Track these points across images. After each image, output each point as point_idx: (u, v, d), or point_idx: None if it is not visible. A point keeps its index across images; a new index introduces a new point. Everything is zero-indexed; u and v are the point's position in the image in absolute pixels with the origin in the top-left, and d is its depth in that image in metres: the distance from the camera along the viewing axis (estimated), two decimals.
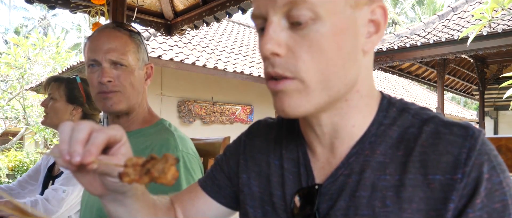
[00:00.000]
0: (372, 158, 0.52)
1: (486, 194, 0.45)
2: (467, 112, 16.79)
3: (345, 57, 0.49)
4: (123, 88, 1.03)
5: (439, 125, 0.50)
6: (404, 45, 6.14)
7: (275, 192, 0.60)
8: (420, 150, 0.49)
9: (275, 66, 0.49)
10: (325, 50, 0.47)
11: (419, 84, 15.12)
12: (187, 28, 2.89)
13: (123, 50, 1.03)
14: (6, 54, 8.36)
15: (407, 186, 0.48)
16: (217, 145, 1.25)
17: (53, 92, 1.55)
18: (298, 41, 0.48)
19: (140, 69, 1.08)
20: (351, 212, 0.51)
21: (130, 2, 2.64)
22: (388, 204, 0.48)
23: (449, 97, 18.51)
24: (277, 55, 0.48)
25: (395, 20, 21.67)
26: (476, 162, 0.46)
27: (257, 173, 0.64)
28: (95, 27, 2.19)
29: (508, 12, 2.36)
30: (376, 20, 0.51)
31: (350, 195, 0.51)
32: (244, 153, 0.68)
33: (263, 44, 0.48)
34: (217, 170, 0.71)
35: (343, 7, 0.47)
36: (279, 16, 0.48)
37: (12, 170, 8.72)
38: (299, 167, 0.59)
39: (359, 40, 0.50)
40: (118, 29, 1.05)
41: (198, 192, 0.71)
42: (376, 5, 0.51)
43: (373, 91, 0.55)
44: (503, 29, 5.03)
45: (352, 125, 0.54)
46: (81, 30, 21.06)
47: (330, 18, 0.47)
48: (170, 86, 6.60)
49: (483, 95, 8.22)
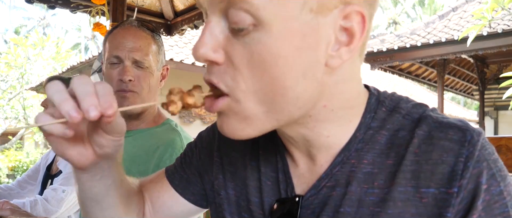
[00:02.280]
0: (358, 168, 0.45)
1: (484, 207, 0.39)
2: (467, 112, 16.80)
3: (297, 77, 0.39)
4: (141, 90, 1.03)
5: (432, 127, 0.43)
6: (404, 45, 6.15)
7: (253, 199, 0.53)
8: (411, 158, 0.42)
9: (211, 73, 0.41)
10: (270, 67, 0.38)
11: (419, 84, 15.12)
12: (187, 28, 2.90)
13: (146, 50, 1.03)
14: (6, 54, 8.37)
15: (396, 201, 0.42)
16: None
17: None
18: (238, 51, 0.39)
19: (158, 71, 1.09)
20: None
21: (130, 2, 2.64)
22: None
23: (449, 97, 18.51)
24: (216, 63, 0.40)
25: (396, 20, 21.68)
26: (474, 172, 0.40)
27: (232, 174, 0.56)
28: (96, 27, 2.19)
29: (508, 12, 2.36)
30: (350, 28, 0.39)
31: (334, 210, 0.45)
32: (218, 149, 0.59)
33: (197, 47, 0.39)
34: (186, 163, 0.63)
35: (299, 11, 0.37)
36: (218, 15, 0.39)
37: (12, 170, 8.73)
38: (278, 172, 0.52)
39: (320, 54, 0.39)
40: (143, 29, 1.06)
41: (165, 185, 0.63)
42: (353, 9, 0.39)
43: (352, 100, 0.46)
44: (503, 29, 5.03)
45: (326, 136, 0.46)
46: (81, 30, 21.08)
47: (278, 25, 0.37)
48: (170, 86, 6.57)
49: (483, 95, 8.23)
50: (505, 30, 5.04)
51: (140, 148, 1.03)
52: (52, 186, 1.44)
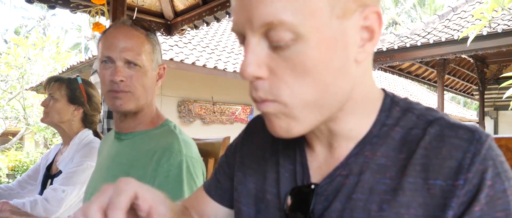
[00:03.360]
0: (372, 160, 0.49)
1: (487, 202, 0.42)
2: (467, 112, 16.79)
3: (334, 74, 0.45)
4: (134, 89, 1.01)
5: (444, 127, 0.47)
6: (404, 45, 6.14)
7: (270, 189, 0.58)
8: (422, 152, 0.46)
9: (258, 89, 0.46)
10: (311, 71, 0.44)
11: (419, 84, 15.13)
12: (187, 28, 2.90)
13: (138, 50, 1.01)
14: (6, 54, 8.37)
15: (405, 190, 0.45)
16: (217, 145, 1.25)
17: (54, 92, 1.55)
18: (280, 64, 0.44)
19: (153, 70, 1.06)
20: (346, 215, 0.48)
21: (130, 2, 2.64)
22: (384, 208, 0.46)
23: (449, 97, 18.52)
24: (260, 78, 0.45)
25: (396, 20, 21.67)
26: (480, 167, 0.43)
27: (254, 170, 0.62)
28: (95, 27, 2.19)
29: (508, 12, 2.36)
30: (370, 26, 0.46)
31: (346, 197, 0.49)
32: (241, 149, 0.66)
33: (243, 68, 0.44)
34: (220, 173, 0.69)
35: (328, 20, 0.43)
36: (258, 36, 0.44)
37: (12, 170, 8.73)
38: (295, 164, 0.56)
39: (350, 52, 0.46)
40: (136, 28, 1.04)
41: (205, 198, 0.69)
42: (370, 10, 0.46)
43: (371, 93, 0.52)
44: (503, 29, 5.03)
45: (349, 129, 0.51)
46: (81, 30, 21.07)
47: (314, 35, 0.42)
48: (170, 86, 6.60)
49: (483, 95, 8.22)
50: (505, 30, 5.03)
51: (139, 151, 1.02)
52: (52, 186, 1.43)
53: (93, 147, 1.49)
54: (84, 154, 1.47)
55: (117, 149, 1.08)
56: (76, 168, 1.43)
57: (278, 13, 0.42)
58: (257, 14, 0.43)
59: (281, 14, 0.41)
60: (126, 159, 1.03)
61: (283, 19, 0.41)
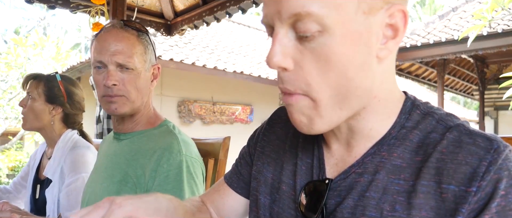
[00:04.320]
0: (388, 160, 0.50)
1: (497, 211, 0.42)
2: (467, 112, 16.79)
3: (357, 69, 0.46)
4: (128, 93, 1.01)
5: (463, 133, 0.47)
6: (404, 45, 6.14)
7: (286, 181, 0.59)
8: (438, 156, 0.46)
9: (284, 82, 0.47)
10: (335, 64, 0.44)
11: (419, 84, 15.12)
12: (187, 28, 2.90)
13: (129, 52, 1.00)
14: (6, 54, 8.37)
15: (419, 193, 0.46)
16: (217, 145, 1.25)
17: (32, 91, 1.44)
18: (306, 55, 0.45)
19: (146, 71, 1.05)
20: (358, 212, 0.49)
21: (130, 2, 2.64)
22: (397, 209, 0.46)
23: (449, 97, 18.50)
24: (285, 69, 0.46)
25: None
26: (494, 176, 0.42)
27: (274, 159, 0.63)
28: (95, 27, 2.19)
29: (508, 12, 2.36)
30: (394, 24, 0.46)
31: (360, 194, 0.50)
32: (263, 139, 0.68)
33: (270, 57, 0.46)
34: (241, 164, 0.70)
35: (354, 14, 0.44)
36: (286, 27, 0.45)
37: (12, 170, 8.73)
38: (313, 159, 0.57)
39: (373, 48, 0.46)
40: (126, 29, 1.02)
41: (226, 190, 0.70)
42: (396, 8, 0.46)
43: (393, 93, 0.52)
44: (503, 29, 5.03)
45: (369, 128, 0.52)
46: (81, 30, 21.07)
47: (340, 29, 0.43)
48: (170, 86, 6.60)
49: (483, 95, 8.22)
50: (505, 30, 5.03)
51: (137, 151, 1.02)
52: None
53: (80, 154, 1.37)
54: (72, 167, 1.34)
55: (115, 149, 1.08)
56: (75, 185, 1.31)
57: (306, 5, 0.43)
58: (286, 5, 0.44)
59: (309, 6, 0.43)
60: (125, 158, 1.03)
61: (310, 11, 0.43)
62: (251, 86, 7.72)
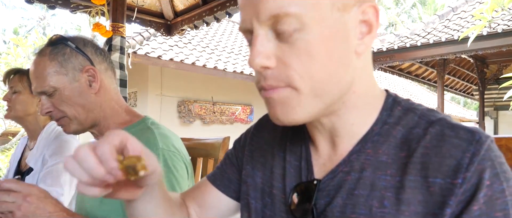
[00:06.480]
0: (374, 157, 0.51)
1: (485, 201, 0.43)
2: (467, 112, 16.79)
3: (337, 62, 0.47)
4: (64, 113, 0.98)
5: (445, 127, 0.48)
6: (404, 45, 6.14)
7: (276, 184, 0.60)
8: (422, 151, 0.47)
9: (267, 79, 0.48)
10: (315, 56, 0.46)
11: (419, 84, 15.12)
12: (187, 28, 2.90)
13: (42, 77, 0.96)
14: (6, 54, 8.36)
15: (406, 188, 0.46)
16: (217, 145, 1.25)
17: (16, 85, 1.46)
18: (287, 51, 0.46)
19: (73, 82, 0.98)
20: (348, 210, 0.50)
21: (130, 2, 2.64)
22: (385, 205, 0.47)
23: (449, 97, 18.50)
24: (268, 68, 0.47)
25: (395, 20, 21.66)
26: (478, 167, 0.43)
27: (262, 164, 0.64)
28: (95, 27, 2.19)
29: (508, 12, 2.36)
30: (368, 20, 0.49)
31: (348, 192, 0.51)
32: (250, 144, 0.69)
33: (252, 59, 0.47)
34: (226, 164, 0.71)
35: (330, 12, 0.46)
36: (265, 29, 0.47)
37: None
38: (301, 161, 0.58)
39: (351, 43, 0.48)
40: (39, 52, 0.99)
41: (208, 187, 0.71)
42: (367, 5, 0.48)
43: (373, 90, 0.54)
44: (503, 29, 5.03)
45: (351, 123, 0.53)
46: (80, 30, 21.06)
47: (317, 25, 0.45)
48: (170, 86, 6.60)
49: (483, 95, 8.22)
50: (505, 30, 5.03)
51: None
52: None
53: (64, 140, 1.40)
54: (56, 150, 1.36)
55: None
56: (56, 167, 1.34)
57: (284, 6, 0.44)
58: (264, 7, 0.45)
59: (287, 6, 0.44)
60: None
61: (288, 11, 0.44)
62: (251, 86, 7.72)
